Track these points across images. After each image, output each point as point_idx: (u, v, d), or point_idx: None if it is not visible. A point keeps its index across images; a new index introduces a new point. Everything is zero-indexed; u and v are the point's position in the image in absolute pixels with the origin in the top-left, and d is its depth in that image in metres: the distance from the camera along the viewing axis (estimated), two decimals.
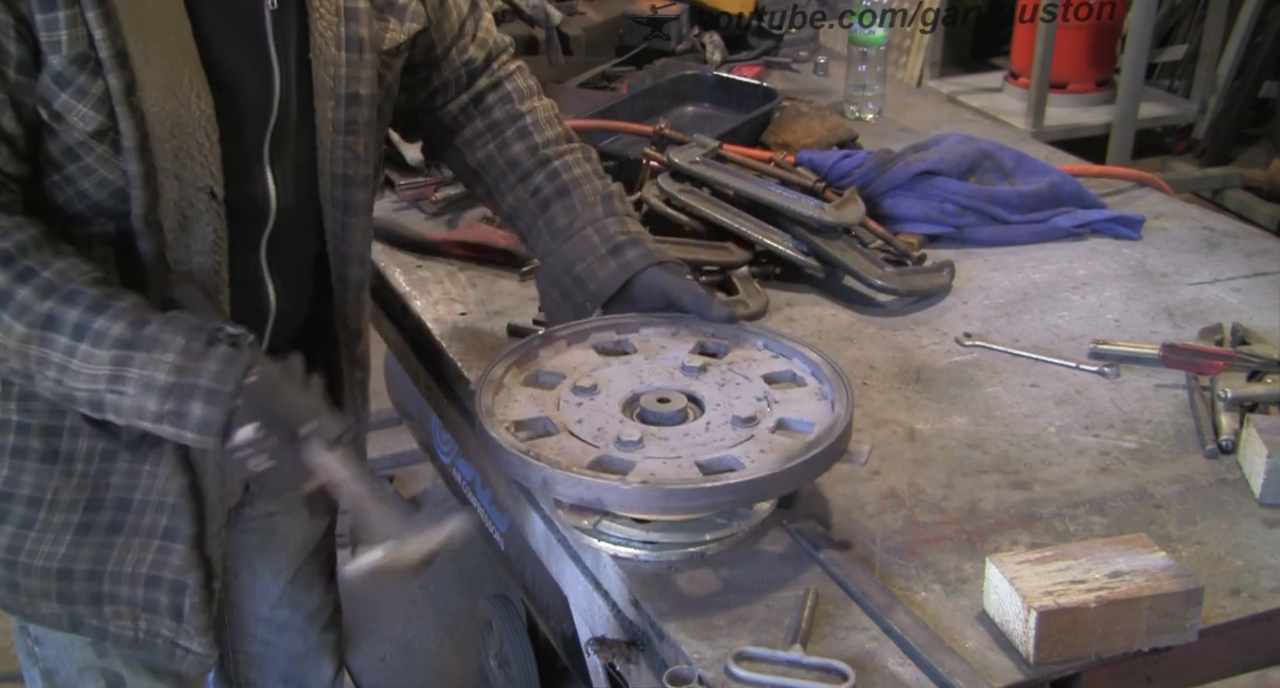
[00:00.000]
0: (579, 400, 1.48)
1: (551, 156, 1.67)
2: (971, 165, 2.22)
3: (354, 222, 1.56)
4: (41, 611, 1.54)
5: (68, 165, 1.34)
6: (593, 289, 1.61)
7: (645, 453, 1.38)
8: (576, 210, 1.64)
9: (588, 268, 1.61)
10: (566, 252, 1.62)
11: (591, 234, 1.62)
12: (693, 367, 1.53)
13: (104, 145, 1.32)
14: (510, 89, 1.71)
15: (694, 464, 1.37)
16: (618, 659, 1.42)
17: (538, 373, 1.54)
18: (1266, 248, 2.19)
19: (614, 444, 1.40)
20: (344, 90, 1.48)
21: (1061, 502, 1.51)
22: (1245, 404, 1.64)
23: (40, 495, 1.48)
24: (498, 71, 1.71)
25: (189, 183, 1.37)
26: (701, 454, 1.38)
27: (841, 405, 1.44)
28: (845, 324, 1.94)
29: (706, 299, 1.61)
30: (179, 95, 1.34)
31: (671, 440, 1.41)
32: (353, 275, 1.60)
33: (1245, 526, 1.47)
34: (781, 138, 2.47)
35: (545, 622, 2.17)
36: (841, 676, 1.23)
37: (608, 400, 1.48)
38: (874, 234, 2.11)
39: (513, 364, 1.54)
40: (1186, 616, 1.25)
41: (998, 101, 4.96)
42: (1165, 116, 5.29)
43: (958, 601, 1.34)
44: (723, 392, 1.49)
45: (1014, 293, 2.03)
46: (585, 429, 1.43)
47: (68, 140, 1.32)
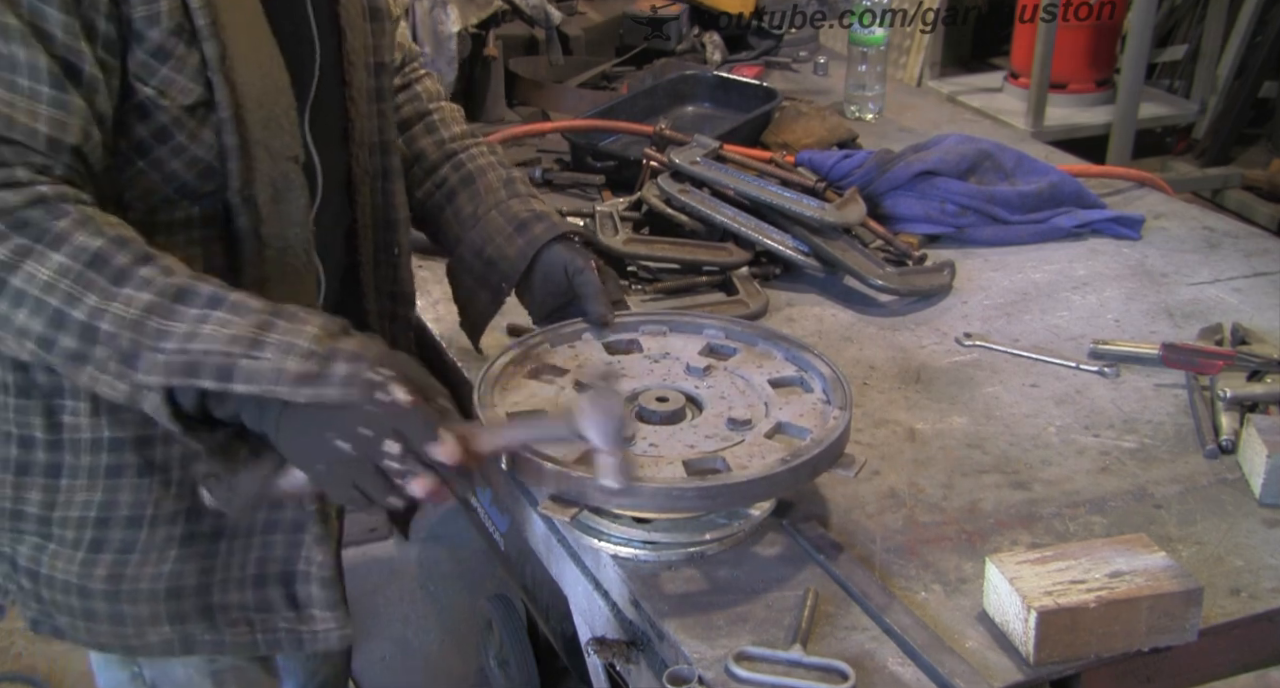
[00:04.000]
0: (579, 395, 1.48)
1: (457, 149, 1.70)
2: (971, 165, 2.22)
3: (395, 187, 1.59)
4: (150, 639, 1.46)
5: (157, 148, 1.31)
6: (504, 269, 1.62)
7: (634, 451, 1.38)
8: (481, 197, 1.67)
9: (497, 249, 1.63)
10: (474, 237, 1.64)
11: (496, 216, 1.64)
12: (698, 367, 1.53)
13: (195, 120, 1.30)
14: (419, 90, 1.75)
15: (680, 464, 1.37)
16: (618, 659, 1.42)
17: (541, 368, 1.55)
18: (1266, 248, 2.20)
19: None
20: (372, 59, 1.52)
21: (1061, 502, 1.51)
22: (1245, 404, 1.65)
23: (140, 513, 1.41)
24: (410, 74, 1.75)
25: (278, 153, 1.36)
26: (690, 454, 1.38)
27: (836, 414, 1.44)
28: (845, 324, 1.94)
29: (596, 291, 1.61)
30: (262, 64, 1.34)
31: (663, 439, 1.41)
32: (402, 239, 1.62)
33: (1245, 526, 1.47)
34: (781, 138, 2.48)
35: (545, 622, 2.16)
36: (841, 676, 1.23)
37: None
38: (874, 234, 2.11)
39: (516, 358, 1.54)
40: (1186, 616, 1.25)
41: (998, 101, 4.96)
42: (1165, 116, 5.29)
43: (958, 601, 1.34)
44: (724, 394, 1.49)
45: (1014, 293, 2.03)
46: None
47: (162, 119, 1.29)
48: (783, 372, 1.54)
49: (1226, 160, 5.38)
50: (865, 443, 1.61)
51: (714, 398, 1.49)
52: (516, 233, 1.63)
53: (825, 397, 1.49)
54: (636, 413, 1.46)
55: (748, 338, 1.61)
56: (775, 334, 1.60)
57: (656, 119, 2.38)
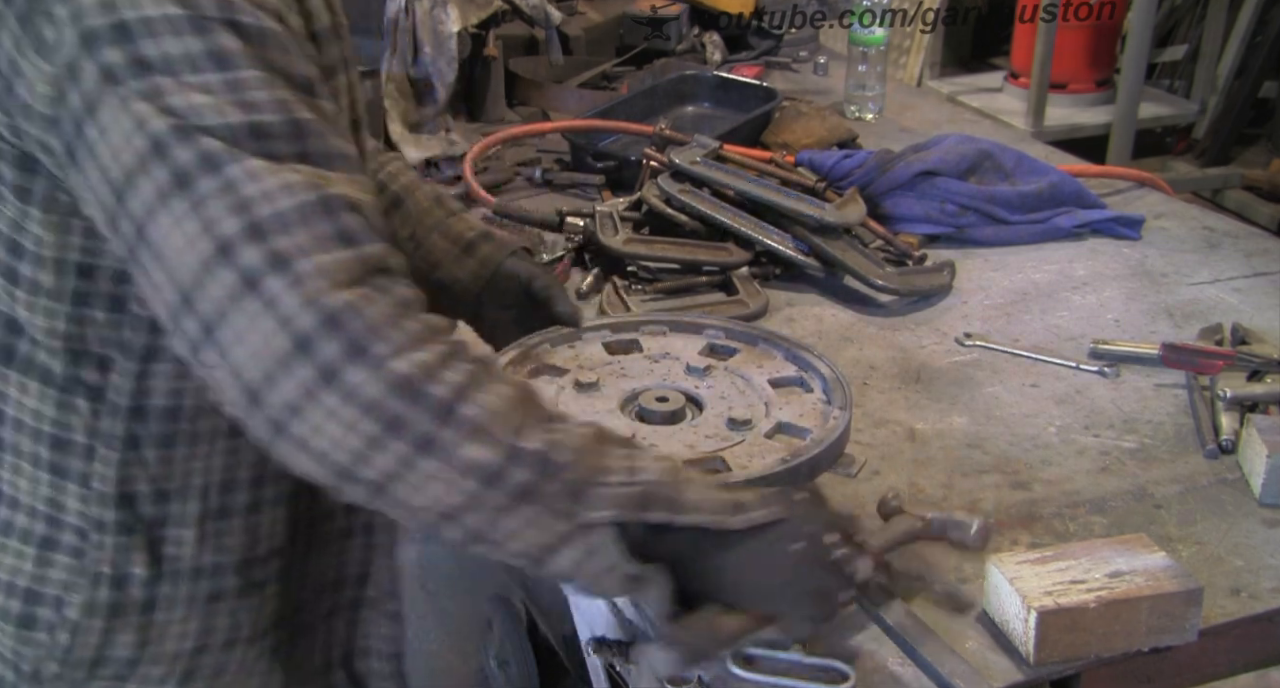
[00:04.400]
0: (578, 395, 1.48)
1: (375, 169, 1.60)
2: (972, 165, 2.22)
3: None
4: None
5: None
6: (456, 291, 1.58)
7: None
8: (415, 219, 1.59)
9: (446, 272, 1.57)
10: (417, 262, 1.57)
11: (438, 239, 1.58)
12: (698, 367, 1.53)
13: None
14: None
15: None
16: (618, 659, 1.42)
17: (541, 368, 1.55)
18: (1266, 248, 2.19)
19: None
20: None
21: (1061, 502, 1.51)
22: (1245, 404, 1.64)
23: (236, 635, 1.32)
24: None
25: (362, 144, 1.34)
26: (690, 454, 1.38)
27: (836, 414, 1.44)
28: (845, 324, 1.94)
29: (559, 292, 1.60)
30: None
31: (662, 439, 1.41)
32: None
33: (1245, 526, 1.47)
34: (781, 138, 2.48)
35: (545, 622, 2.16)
36: (841, 676, 1.23)
37: (607, 397, 1.48)
38: (874, 234, 2.11)
39: (516, 359, 1.54)
40: (1186, 616, 1.25)
41: (998, 101, 4.96)
42: (1165, 116, 5.28)
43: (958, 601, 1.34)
44: (724, 394, 1.49)
45: (1014, 293, 2.03)
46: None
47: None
48: (783, 372, 1.54)
49: (1226, 160, 5.37)
50: (865, 443, 1.61)
51: (714, 398, 1.49)
52: (465, 254, 1.58)
53: (825, 397, 1.49)
54: (636, 413, 1.46)
55: (748, 338, 1.60)
56: (775, 334, 1.60)
57: (656, 119, 2.38)
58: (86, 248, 1.17)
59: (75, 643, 1.26)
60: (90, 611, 1.26)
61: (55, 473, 1.24)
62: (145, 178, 1.02)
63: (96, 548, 1.25)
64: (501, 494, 1.05)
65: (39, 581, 1.26)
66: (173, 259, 1.02)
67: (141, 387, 1.21)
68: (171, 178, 1.02)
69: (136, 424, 1.22)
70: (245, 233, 1.01)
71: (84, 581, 1.25)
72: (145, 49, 1.03)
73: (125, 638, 1.28)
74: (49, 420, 1.23)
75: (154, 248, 1.03)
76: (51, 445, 1.23)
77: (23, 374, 1.22)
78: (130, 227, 1.04)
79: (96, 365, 1.20)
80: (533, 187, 2.38)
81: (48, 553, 1.26)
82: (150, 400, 1.22)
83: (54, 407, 1.22)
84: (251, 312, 1.00)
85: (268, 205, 1.02)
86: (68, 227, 1.16)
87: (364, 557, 1.44)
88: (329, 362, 1.00)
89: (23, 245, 1.17)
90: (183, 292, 1.02)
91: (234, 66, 1.05)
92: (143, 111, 1.02)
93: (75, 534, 1.25)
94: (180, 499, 1.26)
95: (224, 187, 1.02)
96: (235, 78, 1.05)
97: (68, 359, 1.20)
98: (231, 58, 1.05)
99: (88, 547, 1.25)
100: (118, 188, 1.04)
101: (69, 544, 1.26)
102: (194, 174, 1.02)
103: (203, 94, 1.03)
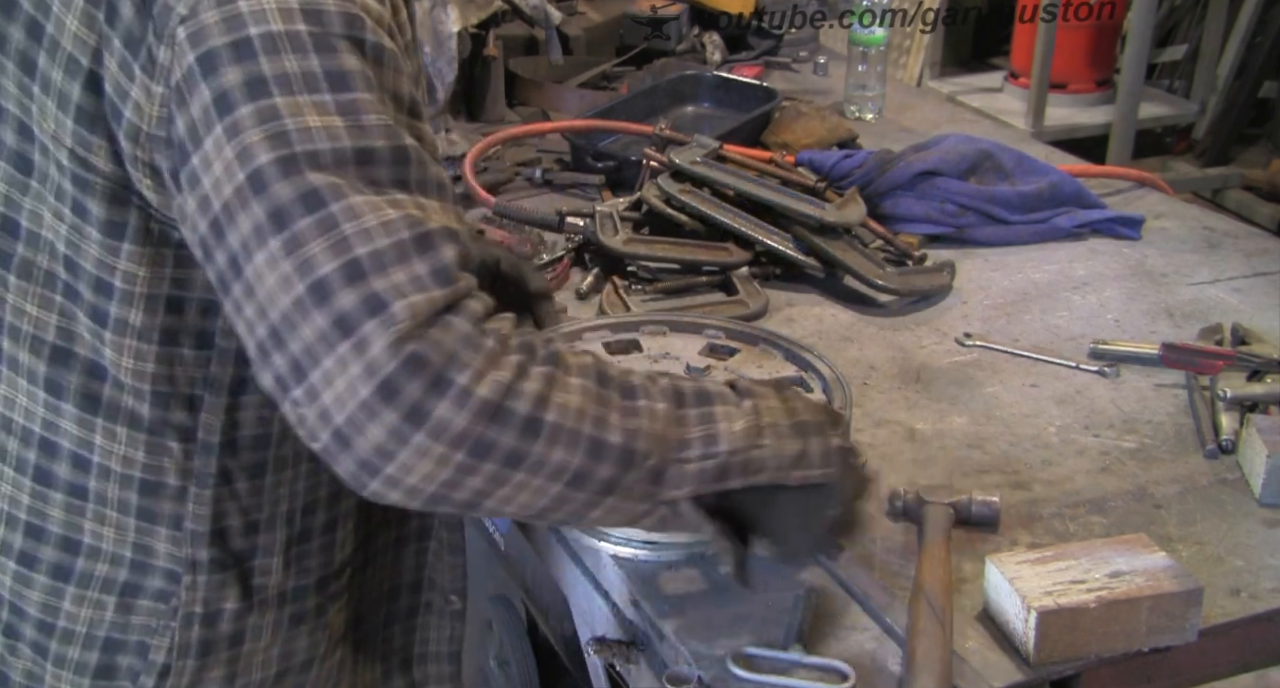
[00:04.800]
0: None
1: None
2: (972, 165, 2.22)
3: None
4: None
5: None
6: None
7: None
8: None
9: None
10: None
11: None
12: (698, 367, 1.53)
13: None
14: None
15: None
16: (618, 659, 1.42)
17: None
18: (1266, 248, 2.19)
19: None
20: None
21: (1061, 502, 1.51)
22: (1245, 404, 1.64)
23: (314, 654, 1.32)
24: None
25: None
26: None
27: None
28: (845, 324, 1.94)
29: (528, 268, 1.59)
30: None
31: None
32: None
33: (1245, 526, 1.47)
34: (781, 138, 2.47)
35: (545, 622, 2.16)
36: (841, 676, 1.22)
37: None
38: (874, 234, 2.11)
39: None
40: (1186, 616, 1.25)
41: (998, 101, 4.96)
42: (1165, 116, 5.29)
43: (958, 601, 1.34)
44: None
45: (1014, 293, 2.03)
46: None
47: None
48: (783, 372, 1.54)
49: (1226, 160, 5.38)
50: (865, 443, 1.61)
51: None
52: None
53: (825, 397, 1.49)
54: None
55: (748, 338, 1.60)
56: (775, 334, 1.60)
57: (656, 119, 2.37)
58: (177, 279, 1.15)
59: (162, 686, 1.25)
60: (182, 652, 1.24)
61: (144, 518, 1.21)
62: (244, 213, 1.01)
63: (189, 588, 1.23)
64: (587, 492, 1.08)
65: (121, 629, 1.24)
66: (266, 296, 1.01)
67: (231, 420, 1.20)
68: (270, 214, 1.00)
69: (228, 458, 1.21)
70: (342, 274, 0.99)
71: (174, 623, 1.23)
72: (264, 68, 1.02)
73: (215, 673, 1.26)
74: (140, 466, 1.20)
75: (247, 283, 1.02)
76: (141, 491, 1.21)
77: (110, 420, 1.19)
78: (225, 258, 1.03)
79: (185, 406, 1.19)
80: (533, 187, 2.38)
81: (130, 600, 1.24)
82: (240, 432, 1.21)
83: (144, 451, 1.20)
84: (341, 355, 0.99)
85: (365, 245, 1.00)
86: (161, 258, 1.14)
87: (417, 563, 1.43)
88: (415, 402, 0.99)
89: (111, 284, 1.15)
90: (274, 329, 1.01)
91: (351, 87, 1.04)
92: (248, 141, 1.01)
93: (164, 578, 1.23)
94: (269, 529, 1.25)
95: (321, 224, 1.00)
96: (351, 100, 1.03)
97: (155, 401, 1.18)
98: (350, 78, 1.04)
99: (178, 588, 1.23)
100: (216, 220, 1.03)
101: (154, 588, 1.23)
102: (292, 212, 1.00)
103: (317, 115, 1.02)
